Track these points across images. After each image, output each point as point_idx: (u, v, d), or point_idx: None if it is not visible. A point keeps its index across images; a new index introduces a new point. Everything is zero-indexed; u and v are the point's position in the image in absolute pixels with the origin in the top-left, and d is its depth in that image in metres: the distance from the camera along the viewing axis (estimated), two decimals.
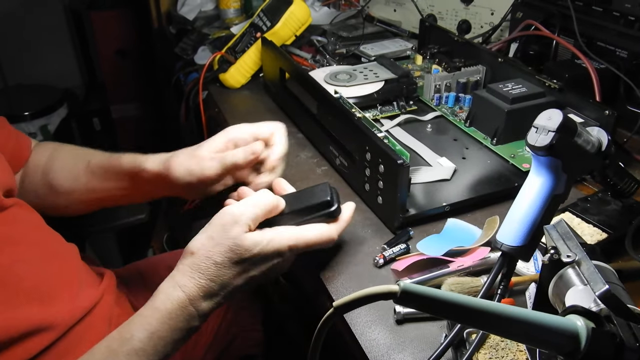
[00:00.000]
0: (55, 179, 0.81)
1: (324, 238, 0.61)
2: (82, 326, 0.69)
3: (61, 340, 0.65)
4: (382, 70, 0.98)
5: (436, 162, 0.81)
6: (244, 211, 0.59)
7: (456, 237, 0.68)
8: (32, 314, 0.62)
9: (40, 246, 0.69)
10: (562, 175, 0.54)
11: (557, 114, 0.52)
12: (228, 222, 0.58)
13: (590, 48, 0.92)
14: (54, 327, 0.64)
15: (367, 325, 0.58)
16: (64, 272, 0.71)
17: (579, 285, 0.48)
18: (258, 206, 0.60)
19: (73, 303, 0.69)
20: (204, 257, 0.57)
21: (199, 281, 0.57)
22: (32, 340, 0.62)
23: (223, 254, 0.57)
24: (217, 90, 1.12)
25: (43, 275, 0.66)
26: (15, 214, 0.68)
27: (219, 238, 0.58)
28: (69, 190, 0.81)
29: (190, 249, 0.59)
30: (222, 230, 0.58)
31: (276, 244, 0.58)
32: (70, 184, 0.81)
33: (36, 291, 0.64)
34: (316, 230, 0.61)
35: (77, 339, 0.67)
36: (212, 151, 0.71)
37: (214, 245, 0.57)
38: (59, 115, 2.30)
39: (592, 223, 0.69)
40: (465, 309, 0.34)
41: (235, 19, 1.38)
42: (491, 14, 1.16)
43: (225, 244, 0.57)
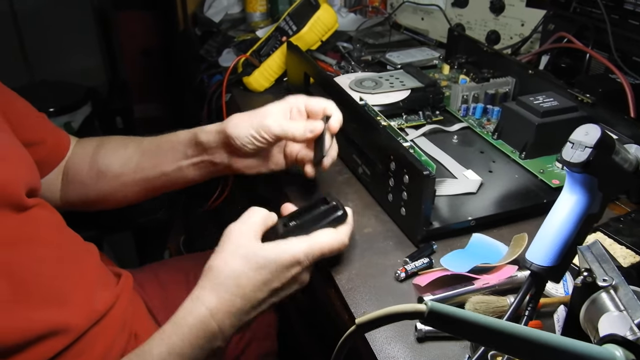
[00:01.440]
0: (103, 164, 0.82)
1: (336, 242, 0.61)
2: (97, 329, 0.68)
3: (75, 344, 0.64)
4: (408, 78, 0.96)
5: (462, 174, 0.79)
6: (244, 220, 0.61)
7: (481, 253, 0.66)
8: (48, 316, 0.61)
9: (59, 247, 0.68)
10: (597, 194, 0.51)
11: (594, 129, 0.50)
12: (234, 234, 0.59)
13: (625, 63, 0.89)
14: (69, 330, 0.63)
15: (386, 342, 0.56)
16: (81, 274, 0.70)
17: (614, 311, 0.46)
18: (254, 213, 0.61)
19: (89, 306, 0.68)
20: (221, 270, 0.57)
21: (222, 295, 0.57)
22: (46, 343, 0.61)
23: (241, 265, 0.57)
24: (240, 93, 1.12)
25: (60, 276, 0.66)
26: (37, 214, 0.67)
27: (231, 250, 0.58)
28: (118, 172, 0.81)
29: (208, 265, 0.59)
30: (233, 242, 0.59)
31: (291, 251, 0.58)
32: (120, 166, 0.81)
33: (53, 293, 0.63)
34: (326, 235, 0.61)
35: (91, 342, 0.66)
36: (272, 114, 0.72)
37: (229, 257, 0.58)
38: (82, 113, 2.31)
39: (625, 245, 0.66)
40: (498, 333, 0.32)
41: (261, 22, 1.37)
42: (521, 25, 1.14)
43: (239, 252, 0.57)
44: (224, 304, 0.56)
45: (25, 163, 0.69)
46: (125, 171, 0.81)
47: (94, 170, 0.82)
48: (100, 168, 0.81)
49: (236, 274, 0.57)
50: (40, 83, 2.54)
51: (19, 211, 0.63)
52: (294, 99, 0.75)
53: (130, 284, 0.81)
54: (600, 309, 0.47)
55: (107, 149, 0.83)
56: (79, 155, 0.84)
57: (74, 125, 2.24)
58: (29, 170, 0.69)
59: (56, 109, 2.22)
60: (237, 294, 0.57)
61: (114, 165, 0.81)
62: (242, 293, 0.56)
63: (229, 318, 0.57)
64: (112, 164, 0.81)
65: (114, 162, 0.81)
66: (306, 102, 0.74)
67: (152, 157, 0.80)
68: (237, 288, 0.56)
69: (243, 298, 0.57)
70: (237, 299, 0.57)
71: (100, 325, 0.68)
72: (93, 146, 0.84)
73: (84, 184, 0.82)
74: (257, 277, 0.57)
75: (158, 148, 0.80)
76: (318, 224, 0.62)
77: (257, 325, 0.96)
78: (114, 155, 0.82)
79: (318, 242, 0.60)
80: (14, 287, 0.59)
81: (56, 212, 0.72)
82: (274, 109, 0.73)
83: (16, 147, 0.69)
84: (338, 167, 0.85)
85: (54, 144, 0.82)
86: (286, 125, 0.71)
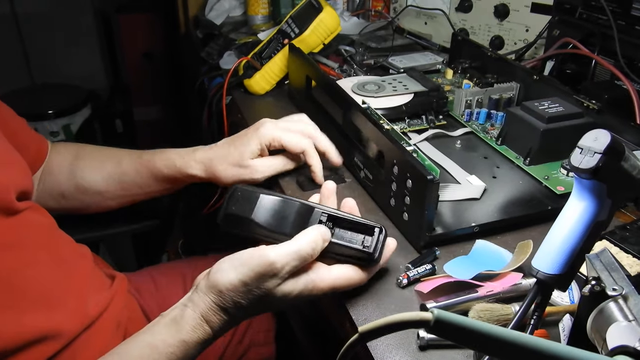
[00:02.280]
0: (84, 180, 0.81)
1: (353, 282, 0.58)
2: (89, 333, 0.67)
3: (67, 349, 0.63)
4: (411, 82, 0.95)
5: (465, 180, 0.78)
6: (284, 265, 0.54)
7: (485, 260, 0.65)
8: (38, 322, 0.60)
9: (50, 251, 0.67)
10: (606, 201, 0.50)
11: (604, 134, 0.48)
12: (267, 274, 0.54)
13: (632, 69, 0.88)
14: (60, 335, 0.62)
15: (388, 350, 0.54)
16: (73, 278, 0.69)
17: (622, 321, 0.44)
18: (299, 259, 0.55)
19: (81, 310, 0.66)
20: (232, 300, 0.55)
21: (223, 316, 0.56)
22: (37, 348, 0.59)
23: (251, 300, 0.55)
24: (241, 96, 1.10)
25: (51, 281, 0.64)
26: (27, 217, 0.66)
27: (252, 286, 0.54)
28: (101, 190, 0.81)
29: (218, 286, 0.55)
30: (258, 279, 0.54)
31: (307, 293, 0.57)
32: (101, 184, 0.81)
33: (43, 297, 0.62)
34: (347, 276, 0.58)
35: (82, 346, 0.65)
36: (252, 155, 0.75)
37: (245, 291, 0.55)
38: (82, 116, 2.31)
39: (632, 253, 0.64)
40: (508, 344, 0.31)
41: (263, 25, 1.36)
42: (526, 30, 1.13)
43: (257, 293, 0.55)
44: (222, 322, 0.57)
45: (16, 165, 0.67)
46: (109, 189, 0.81)
47: (73, 184, 0.82)
48: (80, 183, 0.81)
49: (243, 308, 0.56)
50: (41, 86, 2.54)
51: (8, 215, 0.62)
52: (269, 135, 0.75)
53: (125, 287, 0.80)
54: (609, 319, 0.45)
55: (85, 163, 0.83)
56: (56, 163, 0.83)
57: (73, 127, 2.24)
58: (20, 173, 0.67)
59: (55, 112, 2.22)
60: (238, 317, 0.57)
61: (94, 182, 0.81)
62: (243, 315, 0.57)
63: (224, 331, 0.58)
64: (93, 181, 0.81)
65: (95, 178, 0.81)
66: (282, 141, 0.75)
67: (135, 180, 0.80)
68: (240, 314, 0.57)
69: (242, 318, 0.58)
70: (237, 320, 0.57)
71: (92, 329, 0.66)
72: (70, 156, 0.84)
73: (64, 195, 0.82)
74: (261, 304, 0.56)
75: (138, 174, 0.80)
76: (346, 255, 0.58)
77: (256, 331, 0.95)
78: (93, 173, 0.82)
79: (335, 283, 0.57)
80: (4, 291, 0.58)
81: (48, 215, 0.71)
82: (251, 152, 0.74)
83: (6, 150, 0.67)
84: (339, 170, 0.83)
85: (36, 149, 0.81)
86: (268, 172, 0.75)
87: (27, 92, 2.47)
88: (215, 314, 0.56)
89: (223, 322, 0.56)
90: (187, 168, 0.76)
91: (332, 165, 0.80)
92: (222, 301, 0.55)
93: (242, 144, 0.74)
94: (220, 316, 0.56)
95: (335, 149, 0.77)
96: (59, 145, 0.86)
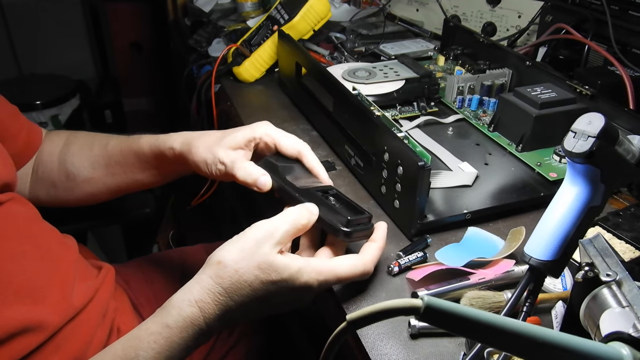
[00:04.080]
0: (73, 166, 0.79)
1: (358, 272, 0.56)
2: (74, 324, 0.65)
3: (51, 340, 0.61)
4: (403, 68, 0.94)
5: (457, 166, 0.77)
6: (277, 226, 0.54)
7: (477, 247, 0.64)
8: (21, 313, 0.59)
9: (34, 242, 0.66)
10: (599, 186, 0.49)
11: (598, 118, 0.47)
12: (262, 237, 0.53)
13: (625, 55, 0.87)
14: (44, 327, 0.61)
15: (378, 338, 0.53)
16: (57, 269, 0.67)
17: (616, 307, 0.43)
18: (289, 222, 0.55)
19: (65, 302, 0.65)
20: (232, 269, 0.52)
21: (218, 298, 0.52)
22: (20, 340, 0.58)
23: (251, 270, 0.52)
24: (230, 84, 1.09)
25: (34, 272, 0.63)
26: (10, 209, 0.65)
27: (250, 252, 0.53)
28: (88, 176, 0.79)
29: (215, 257, 0.54)
30: (255, 244, 0.53)
31: (306, 275, 0.53)
32: (89, 170, 0.79)
33: (26, 289, 0.61)
34: (349, 263, 0.56)
35: (67, 337, 0.64)
36: (232, 146, 0.67)
37: (243, 258, 0.52)
38: (70, 106, 2.29)
39: (625, 239, 0.64)
40: (500, 331, 0.30)
41: (252, 12, 1.34)
42: (518, 16, 1.12)
43: (255, 259, 0.52)
44: (219, 307, 0.52)
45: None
46: (96, 175, 0.78)
47: (63, 171, 0.79)
48: (70, 170, 0.79)
49: (242, 279, 0.52)
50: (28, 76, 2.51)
51: None
52: (262, 130, 0.68)
53: (112, 277, 0.79)
54: (602, 305, 0.44)
55: (74, 149, 0.80)
56: (48, 151, 0.81)
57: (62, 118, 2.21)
58: (2, 164, 0.66)
59: (43, 102, 2.19)
60: (236, 301, 0.53)
61: (82, 168, 0.79)
62: (242, 301, 0.53)
63: (220, 322, 0.53)
64: (81, 167, 0.79)
65: (83, 164, 0.79)
66: (276, 141, 0.68)
67: (120, 164, 0.77)
68: (238, 295, 0.53)
69: (240, 305, 0.53)
70: (234, 305, 0.53)
71: (77, 320, 0.65)
72: (61, 142, 0.82)
73: (55, 184, 0.80)
74: (262, 290, 0.53)
75: (123, 157, 0.77)
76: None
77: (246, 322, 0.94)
78: (82, 158, 0.79)
79: (336, 271, 0.55)
80: None
81: (31, 206, 0.70)
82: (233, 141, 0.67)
83: None
84: (330, 159, 0.82)
85: (27, 139, 0.79)
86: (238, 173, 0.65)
87: (14, 83, 2.43)
88: (208, 292, 0.52)
89: (217, 302, 0.52)
90: (167, 141, 0.72)
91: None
92: (220, 273, 0.52)
93: (230, 132, 0.70)
94: (214, 294, 0.52)
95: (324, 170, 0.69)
96: (52, 134, 0.84)
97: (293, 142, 0.68)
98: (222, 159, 0.66)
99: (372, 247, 0.58)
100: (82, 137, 0.82)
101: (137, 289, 0.87)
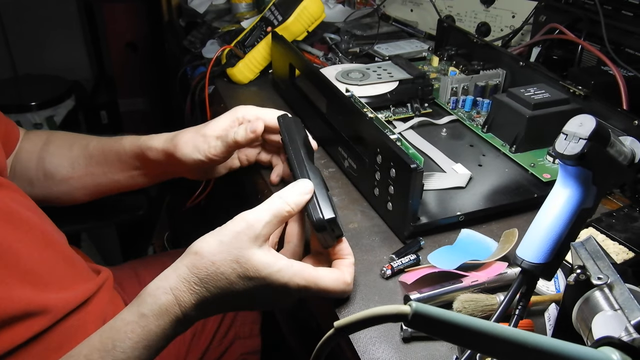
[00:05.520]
0: (51, 165, 0.79)
1: (339, 288, 0.55)
2: (75, 319, 0.65)
3: (53, 330, 0.61)
4: (396, 70, 0.94)
5: (450, 168, 0.77)
6: (259, 217, 0.53)
7: (470, 249, 0.64)
8: (26, 296, 0.59)
9: (37, 230, 0.66)
10: (591, 188, 0.49)
11: (589, 120, 0.47)
12: (241, 230, 0.53)
13: (618, 55, 0.87)
14: (46, 312, 0.61)
15: (370, 342, 0.53)
16: (58, 260, 0.68)
17: (608, 310, 0.43)
18: (271, 212, 0.54)
19: (67, 292, 0.65)
20: (209, 260, 0.52)
21: (194, 287, 0.52)
22: (24, 324, 0.58)
23: (229, 263, 0.52)
24: (224, 85, 1.08)
25: (39, 259, 0.63)
26: (9, 194, 0.65)
27: (228, 245, 0.52)
28: (67, 176, 0.79)
29: (194, 248, 0.53)
30: (234, 237, 0.52)
31: (286, 278, 0.52)
32: (67, 170, 0.78)
33: (31, 274, 0.61)
34: (333, 277, 0.55)
35: (69, 333, 0.64)
36: (217, 129, 0.69)
37: (221, 251, 0.52)
38: (65, 107, 2.28)
39: (618, 240, 0.64)
40: (489, 337, 0.30)
41: (247, 13, 1.34)
42: (512, 17, 1.11)
43: (233, 253, 0.52)
44: (194, 296, 0.52)
45: None
46: (74, 175, 0.78)
47: (41, 170, 0.79)
48: (48, 169, 0.79)
49: (219, 271, 0.52)
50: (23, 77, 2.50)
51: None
52: (242, 110, 0.71)
53: (111, 282, 0.78)
54: (594, 308, 0.44)
55: (53, 148, 0.80)
56: (26, 150, 0.81)
57: (57, 119, 2.21)
58: None
59: (38, 103, 2.18)
60: (212, 292, 0.52)
61: (61, 168, 0.78)
62: (217, 292, 0.52)
63: (196, 311, 0.52)
64: (60, 166, 0.78)
65: (61, 163, 0.78)
66: (258, 114, 0.70)
67: (101, 164, 0.77)
68: (214, 287, 0.52)
69: (216, 297, 0.52)
70: (210, 296, 0.52)
71: (78, 315, 0.65)
72: (41, 142, 0.81)
73: (32, 183, 0.80)
74: (239, 284, 0.52)
75: (104, 156, 0.77)
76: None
77: (241, 324, 0.94)
78: (61, 157, 0.79)
79: (319, 282, 0.54)
80: None
81: (27, 196, 0.70)
82: (218, 127, 0.69)
83: None
84: (323, 161, 0.82)
85: (5, 135, 0.79)
86: (229, 137, 0.68)
87: (9, 84, 2.42)
88: (183, 280, 0.52)
89: (192, 291, 0.52)
90: (148, 141, 0.72)
91: None
92: (196, 263, 0.52)
93: (212, 120, 0.71)
94: (189, 284, 0.52)
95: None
96: (31, 133, 0.84)
97: (273, 112, 0.71)
98: (216, 136, 0.68)
99: (349, 265, 0.57)
100: (61, 137, 0.82)
101: (132, 293, 0.87)
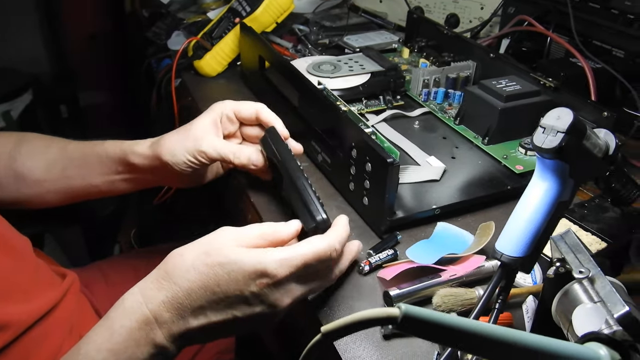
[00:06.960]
0: (24, 166, 0.75)
1: (323, 246, 0.51)
2: (40, 329, 0.62)
3: (16, 343, 0.58)
4: (368, 62, 0.93)
5: (425, 161, 0.76)
6: (248, 233, 0.52)
7: (447, 243, 0.63)
8: None
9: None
10: (569, 181, 0.49)
11: (567, 113, 0.47)
12: (228, 238, 0.51)
13: (587, 47, 0.88)
14: (8, 327, 0.58)
15: (351, 340, 0.52)
16: (19, 269, 0.64)
17: (587, 302, 0.44)
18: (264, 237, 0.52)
19: (29, 302, 0.62)
20: (178, 254, 0.50)
21: (161, 282, 0.49)
22: None
23: (197, 255, 0.49)
24: (191, 78, 1.05)
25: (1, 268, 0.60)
26: None
27: (202, 242, 0.51)
28: (40, 178, 0.75)
29: (174, 253, 0.51)
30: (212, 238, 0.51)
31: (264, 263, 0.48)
32: (42, 171, 0.75)
33: None
34: (312, 240, 0.52)
35: (33, 345, 0.61)
36: (201, 129, 0.69)
37: (193, 247, 0.51)
38: (23, 102, 2.19)
39: (591, 231, 0.64)
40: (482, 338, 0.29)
41: (213, 3, 1.30)
42: (481, 8, 1.12)
43: (205, 247, 0.50)
44: (171, 303, 0.48)
45: None
46: (49, 177, 0.75)
47: (12, 172, 0.75)
48: (20, 171, 0.75)
49: (186, 266, 0.49)
50: None
51: None
52: (221, 106, 0.71)
53: (77, 285, 0.76)
54: (574, 301, 0.44)
55: (27, 150, 0.76)
56: None
57: (14, 114, 2.12)
58: None
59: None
60: (181, 287, 0.49)
61: (35, 169, 0.75)
62: (188, 287, 0.48)
63: (168, 311, 0.48)
64: (34, 168, 0.75)
65: (36, 165, 0.75)
66: (235, 108, 0.71)
67: (79, 166, 0.74)
68: (183, 280, 0.49)
69: (188, 294, 0.48)
70: (179, 292, 0.49)
71: (43, 325, 0.62)
72: (11, 143, 0.77)
73: (1, 185, 0.76)
74: (209, 275, 0.48)
75: (84, 159, 0.74)
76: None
77: None
78: (35, 158, 0.75)
79: (299, 251, 0.50)
80: None
81: None
82: (204, 126, 0.69)
83: None
84: None
85: None
86: (223, 150, 0.68)
87: None
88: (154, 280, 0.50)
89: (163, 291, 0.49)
90: (133, 145, 0.71)
91: None
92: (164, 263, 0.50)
93: (194, 121, 0.70)
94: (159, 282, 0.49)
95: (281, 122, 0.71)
96: (1, 134, 0.80)
97: (250, 104, 0.72)
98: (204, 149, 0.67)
99: (336, 227, 0.55)
100: (36, 139, 0.78)
101: (99, 294, 0.84)
